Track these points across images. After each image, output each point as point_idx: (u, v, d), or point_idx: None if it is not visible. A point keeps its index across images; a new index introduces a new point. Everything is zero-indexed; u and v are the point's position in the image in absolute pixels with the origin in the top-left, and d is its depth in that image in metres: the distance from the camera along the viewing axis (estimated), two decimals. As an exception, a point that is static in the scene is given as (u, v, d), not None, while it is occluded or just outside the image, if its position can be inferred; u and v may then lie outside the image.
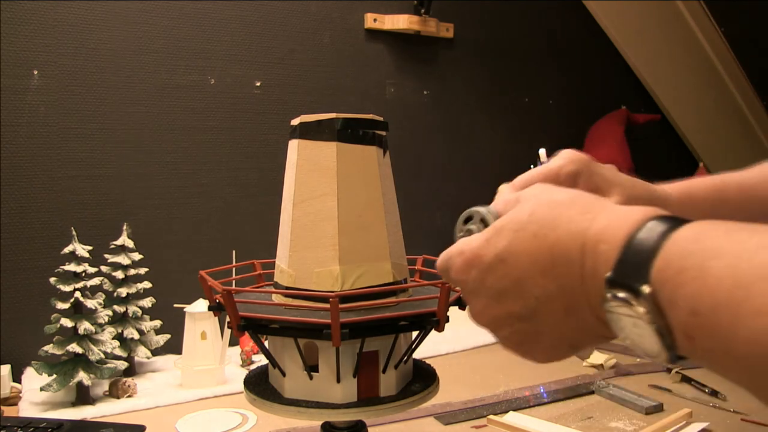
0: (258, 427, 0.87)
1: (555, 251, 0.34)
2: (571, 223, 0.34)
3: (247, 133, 1.30)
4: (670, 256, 0.29)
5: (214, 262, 0.74)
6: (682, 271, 0.28)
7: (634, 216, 0.32)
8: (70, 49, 1.13)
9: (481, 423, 0.87)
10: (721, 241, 0.28)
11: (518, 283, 0.36)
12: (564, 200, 0.36)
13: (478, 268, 0.38)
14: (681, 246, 0.29)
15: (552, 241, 0.34)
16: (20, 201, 1.11)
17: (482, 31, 1.57)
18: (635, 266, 0.30)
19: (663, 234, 0.30)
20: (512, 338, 0.39)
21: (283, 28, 1.32)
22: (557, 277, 0.34)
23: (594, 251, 0.32)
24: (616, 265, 0.31)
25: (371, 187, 0.59)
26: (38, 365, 0.93)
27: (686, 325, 0.28)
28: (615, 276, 0.31)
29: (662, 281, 0.29)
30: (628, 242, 0.31)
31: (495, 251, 0.37)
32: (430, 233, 1.51)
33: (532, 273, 0.35)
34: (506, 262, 0.36)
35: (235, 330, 0.56)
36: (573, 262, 0.33)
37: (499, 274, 0.37)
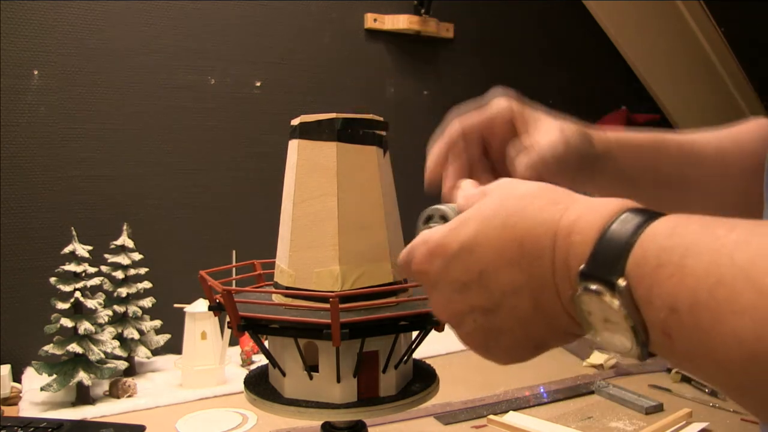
0: (258, 427, 0.87)
1: (525, 241, 0.33)
2: (542, 212, 0.33)
3: (247, 133, 1.30)
4: (646, 250, 0.28)
5: (214, 262, 0.74)
6: (660, 267, 0.27)
7: (608, 207, 0.31)
8: (70, 49, 1.13)
9: (481, 423, 0.87)
10: (699, 237, 0.27)
11: (484, 274, 0.34)
12: (533, 191, 0.35)
13: (441, 257, 0.36)
14: (657, 240, 0.28)
15: (522, 230, 0.33)
16: (20, 201, 1.11)
17: (482, 31, 1.57)
18: (610, 259, 0.29)
19: (638, 226, 0.29)
20: (474, 335, 0.36)
21: (283, 28, 1.32)
22: (526, 268, 0.33)
23: (566, 242, 0.31)
24: (590, 257, 0.30)
25: (371, 187, 0.59)
26: (38, 365, 0.93)
27: (664, 322, 0.27)
28: (589, 268, 0.30)
29: (639, 276, 0.28)
30: (602, 234, 0.30)
31: (460, 241, 0.35)
32: (430, 233, 1.51)
33: (500, 264, 0.33)
34: (472, 251, 0.35)
35: (235, 330, 0.56)
36: (544, 253, 0.32)
37: (463, 265, 0.35)
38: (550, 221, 0.32)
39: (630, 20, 1.70)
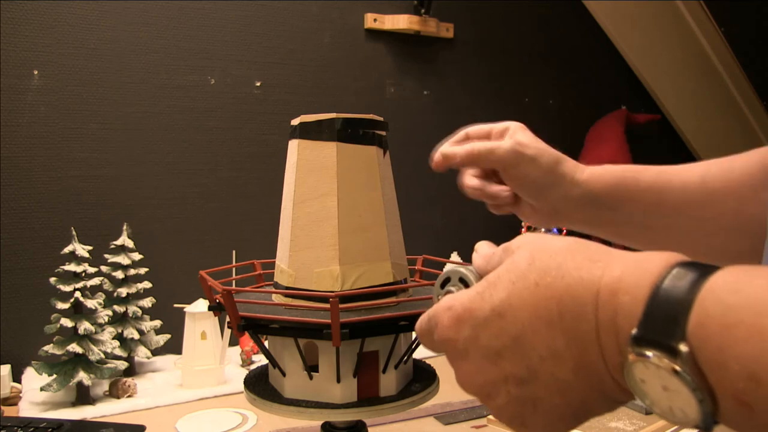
0: (258, 427, 0.87)
1: (563, 301, 0.30)
2: (580, 270, 0.30)
3: (247, 133, 1.30)
4: (708, 309, 0.25)
5: (214, 262, 0.74)
6: (730, 328, 0.24)
7: (655, 262, 0.28)
8: (70, 49, 1.13)
9: (481, 423, 0.87)
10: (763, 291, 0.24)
11: (518, 339, 0.31)
12: (567, 247, 0.32)
13: (470, 324, 0.33)
14: (720, 297, 0.25)
15: (559, 289, 0.30)
16: (20, 201, 1.11)
17: (482, 31, 1.57)
18: (667, 321, 0.26)
19: (694, 282, 0.26)
20: (509, 407, 0.33)
21: (283, 28, 1.32)
22: (566, 330, 0.30)
23: (612, 303, 0.28)
24: (642, 319, 0.27)
25: (371, 187, 0.59)
26: (38, 365, 0.93)
27: (742, 391, 0.24)
28: (643, 332, 0.27)
29: (704, 338, 0.25)
30: (654, 292, 0.27)
31: (491, 305, 0.32)
32: (430, 233, 1.51)
33: (536, 327, 0.31)
34: (504, 316, 0.32)
35: (235, 330, 0.56)
36: (586, 314, 0.29)
37: (495, 331, 0.32)
38: (589, 279, 0.29)
39: (630, 20, 1.70)
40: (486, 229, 1.62)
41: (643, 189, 0.58)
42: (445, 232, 1.53)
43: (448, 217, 1.54)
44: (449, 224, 1.54)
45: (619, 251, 0.31)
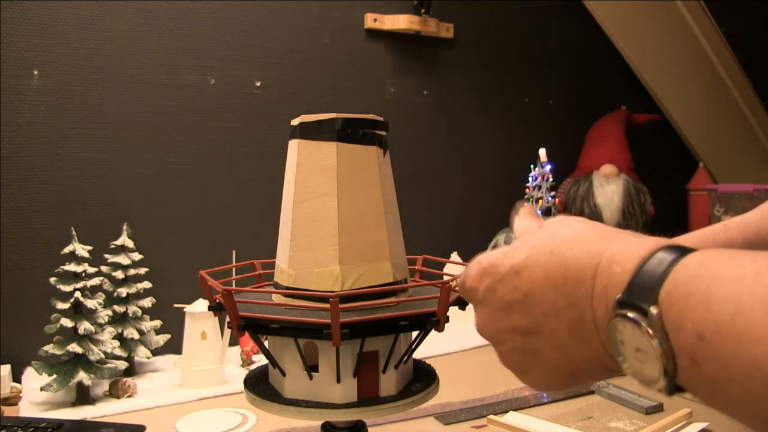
0: (258, 427, 0.87)
1: (569, 268, 0.35)
2: (588, 245, 0.35)
3: (247, 133, 1.30)
4: (677, 279, 0.29)
5: (214, 262, 0.74)
6: (688, 295, 0.28)
7: (650, 243, 0.33)
8: (70, 49, 1.13)
9: (481, 423, 0.87)
10: (724, 267, 0.28)
11: (528, 296, 0.36)
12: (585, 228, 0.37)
13: (491, 277, 0.39)
14: (688, 270, 0.29)
15: (568, 258, 0.35)
16: (20, 201, 1.11)
17: (482, 31, 1.57)
18: (645, 288, 0.30)
19: (673, 260, 0.30)
20: (513, 354, 0.38)
21: (283, 28, 1.32)
22: (568, 294, 0.34)
23: (607, 272, 0.33)
24: (627, 286, 0.31)
25: (371, 187, 0.59)
26: (38, 365, 0.93)
27: (692, 348, 0.28)
28: (625, 297, 0.31)
29: (669, 304, 0.29)
30: (640, 265, 0.31)
31: (511, 263, 0.38)
32: (430, 233, 1.51)
33: (544, 287, 0.35)
34: (520, 274, 0.37)
35: (235, 330, 0.56)
36: (586, 280, 0.34)
37: (510, 286, 0.37)
38: (594, 252, 0.34)
39: (630, 20, 1.70)
40: (486, 229, 1.62)
41: None
42: (445, 232, 1.53)
43: (448, 217, 1.54)
44: (449, 224, 1.54)
45: (627, 233, 0.36)
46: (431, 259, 0.77)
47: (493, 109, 1.61)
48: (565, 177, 1.64)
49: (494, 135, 1.62)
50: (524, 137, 1.63)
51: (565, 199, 1.60)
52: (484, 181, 1.60)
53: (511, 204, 1.68)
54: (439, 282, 0.58)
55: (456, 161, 1.56)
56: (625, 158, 1.62)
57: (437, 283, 0.60)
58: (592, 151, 1.64)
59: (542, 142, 1.46)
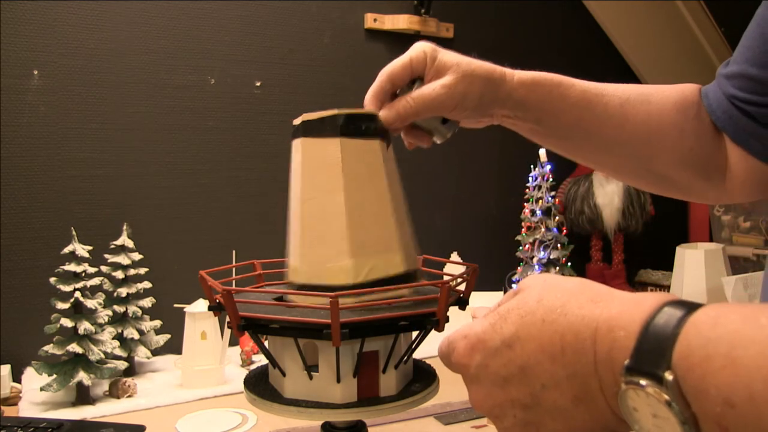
0: (258, 427, 0.87)
1: (566, 337, 0.33)
2: (582, 309, 0.33)
3: (247, 133, 1.30)
4: (691, 342, 0.28)
5: (214, 262, 0.74)
6: (708, 359, 0.27)
7: (649, 302, 0.31)
8: (70, 49, 1.13)
9: (481, 423, 0.87)
10: (742, 327, 0.27)
11: (524, 369, 0.35)
12: (571, 288, 0.36)
13: (482, 352, 0.37)
14: (701, 331, 0.28)
15: (562, 326, 0.34)
16: (20, 201, 1.11)
17: (482, 31, 1.57)
18: (655, 352, 0.29)
19: (681, 319, 0.29)
20: (514, 429, 0.37)
21: (283, 28, 1.32)
22: (567, 364, 0.33)
23: (608, 338, 0.31)
24: (634, 351, 0.30)
25: (377, 180, 0.59)
26: (38, 365, 0.93)
27: (720, 416, 0.27)
28: (634, 363, 0.30)
29: (687, 368, 0.28)
30: (645, 327, 0.30)
31: (501, 336, 0.36)
32: (430, 233, 1.51)
33: (540, 359, 0.34)
34: (513, 347, 0.36)
35: (235, 330, 0.56)
36: (585, 348, 0.32)
37: (504, 360, 0.36)
38: (590, 317, 0.33)
39: (630, 20, 1.70)
40: (486, 229, 1.62)
41: (568, 105, 0.63)
42: (445, 232, 1.53)
43: (448, 217, 1.54)
44: (449, 224, 1.54)
45: (620, 292, 0.34)
46: (431, 259, 0.77)
47: (493, 109, 1.61)
48: (565, 177, 1.64)
49: (494, 135, 1.61)
50: (524, 137, 1.63)
51: (565, 199, 1.60)
52: (484, 181, 1.60)
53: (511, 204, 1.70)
54: (439, 282, 0.58)
55: (456, 161, 1.56)
56: (625, 158, 1.61)
57: (437, 283, 0.60)
58: (592, 151, 1.64)
59: (542, 142, 1.45)
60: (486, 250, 1.52)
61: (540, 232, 1.38)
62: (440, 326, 0.57)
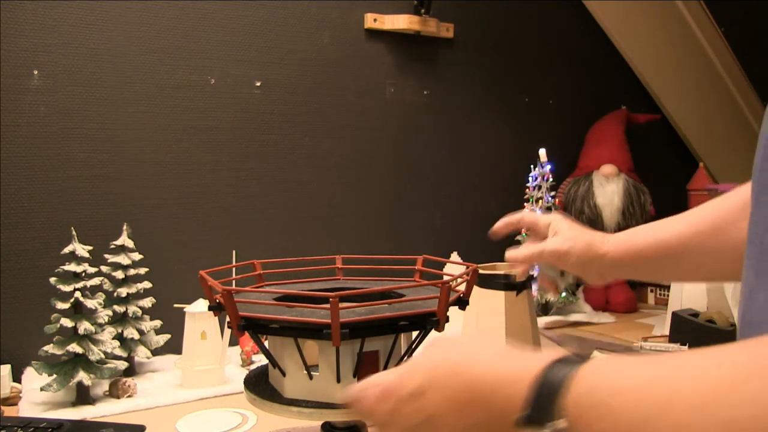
0: (258, 427, 0.87)
1: (471, 388, 0.37)
2: (486, 364, 0.37)
3: (247, 133, 1.30)
4: (578, 393, 0.32)
5: (214, 262, 0.74)
6: (592, 408, 0.31)
7: (542, 359, 0.35)
8: (70, 49, 1.13)
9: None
10: (618, 377, 0.31)
11: (432, 417, 0.38)
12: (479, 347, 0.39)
13: (393, 400, 0.40)
14: (586, 383, 0.32)
15: (468, 379, 0.37)
16: (20, 201, 1.11)
17: (482, 31, 1.57)
18: (546, 403, 0.32)
19: (567, 373, 0.33)
20: None
21: (283, 28, 1.32)
22: (471, 415, 0.36)
23: (507, 392, 0.35)
24: (530, 403, 0.33)
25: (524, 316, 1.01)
26: (38, 365, 0.93)
27: None
28: (529, 413, 0.33)
29: (575, 416, 0.31)
30: (536, 382, 0.33)
31: (411, 386, 0.39)
32: (430, 233, 1.51)
33: (447, 408, 0.37)
34: (423, 395, 0.38)
35: (235, 330, 0.56)
36: (489, 400, 0.36)
37: (414, 408, 0.39)
38: (493, 372, 0.36)
39: (630, 20, 1.70)
40: (486, 229, 1.62)
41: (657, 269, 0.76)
42: (445, 232, 1.53)
43: (448, 217, 1.54)
44: (449, 224, 1.54)
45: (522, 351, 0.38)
46: (431, 259, 0.77)
47: (493, 109, 1.61)
48: (565, 177, 1.64)
49: (494, 135, 1.62)
50: (524, 137, 1.63)
51: (565, 199, 1.60)
52: (484, 181, 1.60)
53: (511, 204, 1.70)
54: (439, 282, 0.58)
55: (456, 161, 1.55)
56: (625, 158, 1.62)
57: (437, 283, 0.60)
58: (592, 151, 1.64)
59: (542, 142, 1.46)
60: (486, 250, 1.52)
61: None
62: (440, 326, 0.57)
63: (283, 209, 1.31)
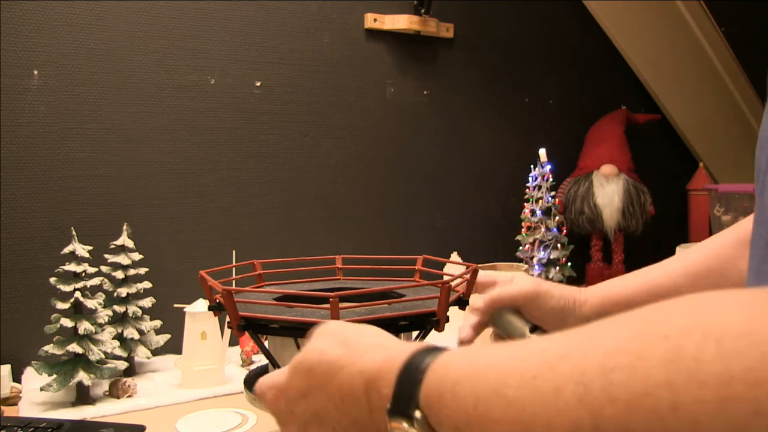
0: (258, 427, 0.87)
1: (343, 390, 0.39)
2: (354, 365, 0.39)
3: (247, 133, 1.30)
4: (430, 383, 0.34)
5: (214, 262, 0.74)
6: (441, 396, 0.33)
7: (405, 352, 0.37)
8: (70, 49, 1.13)
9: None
10: (464, 366, 0.33)
11: (317, 414, 0.41)
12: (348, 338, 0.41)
13: (284, 401, 0.44)
14: (437, 374, 0.34)
15: (340, 381, 0.39)
16: (20, 201, 1.11)
17: (482, 31, 1.57)
18: (407, 396, 0.35)
19: (425, 365, 0.35)
20: None
21: (283, 28, 1.32)
22: (348, 412, 0.39)
23: (376, 387, 0.37)
24: (393, 397, 0.36)
25: None
26: (38, 365, 0.93)
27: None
28: (393, 407, 0.36)
29: (429, 406, 0.34)
30: (399, 376, 0.36)
31: (298, 388, 0.42)
32: (430, 233, 1.51)
33: (328, 407, 0.40)
34: (307, 397, 0.42)
35: (235, 330, 0.56)
36: (359, 398, 0.38)
37: (302, 407, 0.42)
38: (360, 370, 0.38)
39: (630, 20, 1.70)
40: (486, 229, 1.62)
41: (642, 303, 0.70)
42: (445, 232, 1.53)
43: (448, 217, 1.54)
44: (449, 224, 1.54)
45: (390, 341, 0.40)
46: (431, 259, 0.77)
47: (493, 109, 1.61)
48: (565, 177, 1.64)
49: (494, 135, 1.62)
50: (524, 137, 1.63)
51: (565, 199, 1.60)
52: (484, 181, 1.60)
53: (511, 204, 1.70)
54: (439, 282, 0.58)
55: (456, 161, 1.56)
56: (625, 158, 1.62)
57: (437, 283, 0.60)
58: (592, 151, 1.64)
59: (542, 142, 1.46)
60: (486, 250, 1.52)
61: (540, 232, 1.38)
62: (440, 326, 0.57)
63: (283, 209, 1.31)
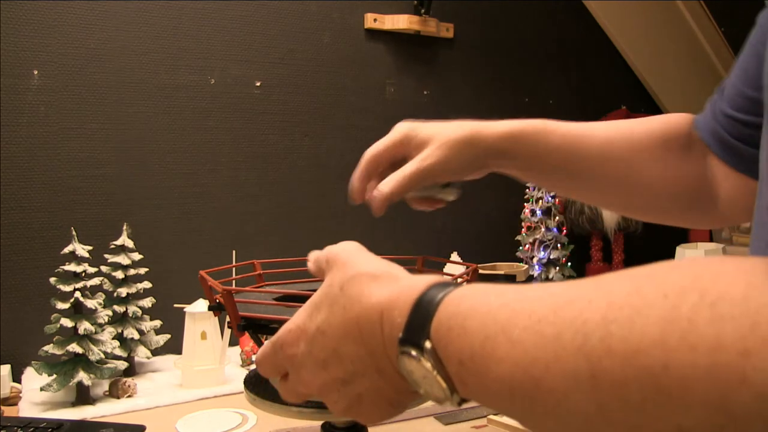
0: (258, 427, 0.87)
1: (361, 321, 0.40)
2: (371, 296, 0.40)
3: (247, 133, 1.30)
4: (441, 317, 0.35)
5: (214, 262, 0.74)
6: (450, 330, 0.34)
7: (420, 285, 0.38)
8: (70, 49, 1.13)
9: (481, 423, 0.87)
10: (476, 303, 0.34)
11: (336, 351, 0.41)
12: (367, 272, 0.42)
13: (304, 340, 0.43)
14: (449, 308, 0.35)
15: (358, 313, 0.40)
16: (20, 201, 1.11)
17: (482, 31, 1.57)
18: (418, 327, 0.36)
19: (439, 300, 0.36)
20: (340, 402, 0.43)
21: (283, 28, 1.32)
22: (365, 344, 0.40)
23: (389, 319, 0.38)
24: (405, 327, 0.36)
25: None
26: (38, 365, 0.93)
27: (458, 373, 0.34)
28: (404, 336, 0.36)
29: (438, 338, 0.35)
30: (413, 307, 0.37)
31: (316, 324, 0.42)
32: (430, 233, 1.51)
33: (346, 341, 0.41)
34: (326, 333, 0.42)
35: (235, 330, 0.56)
36: (375, 329, 0.39)
37: (320, 345, 0.42)
38: (377, 303, 0.39)
39: (630, 20, 1.70)
40: (486, 229, 1.62)
41: (549, 151, 0.69)
42: (445, 232, 1.53)
43: (448, 217, 1.54)
44: (449, 224, 1.54)
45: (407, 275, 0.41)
46: (431, 259, 0.77)
47: (493, 109, 1.61)
48: (565, 177, 1.64)
49: (494, 135, 1.62)
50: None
51: (565, 199, 1.60)
52: (484, 181, 1.59)
53: (511, 204, 1.70)
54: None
55: (456, 161, 1.55)
56: (625, 158, 1.61)
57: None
58: (592, 151, 1.64)
59: (542, 142, 1.45)
60: (486, 250, 1.52)
61: (540, 232, 1.38)
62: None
63: (283, 209, 1.31)
